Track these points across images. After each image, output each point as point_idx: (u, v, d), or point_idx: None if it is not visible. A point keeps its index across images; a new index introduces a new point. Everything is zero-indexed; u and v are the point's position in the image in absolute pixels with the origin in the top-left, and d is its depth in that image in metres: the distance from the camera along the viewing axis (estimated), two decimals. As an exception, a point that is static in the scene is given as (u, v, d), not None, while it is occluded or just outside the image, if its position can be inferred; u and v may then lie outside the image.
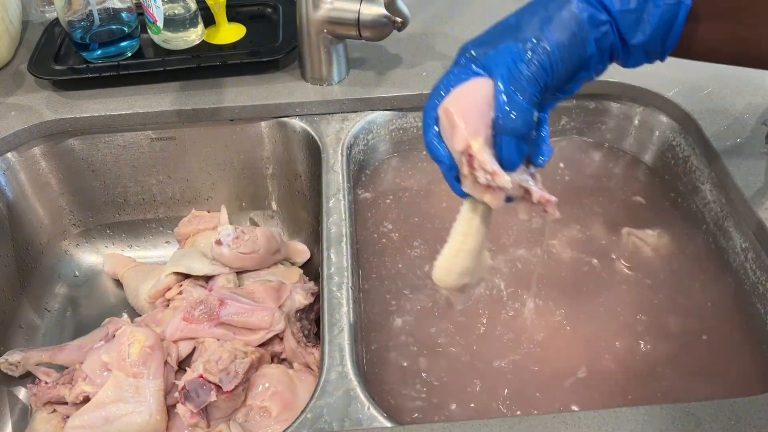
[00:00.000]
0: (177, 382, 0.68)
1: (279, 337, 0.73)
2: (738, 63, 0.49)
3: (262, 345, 0.72)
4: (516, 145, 0.44)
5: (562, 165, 0.85)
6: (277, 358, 0.74)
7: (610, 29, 0.45)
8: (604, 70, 0.48)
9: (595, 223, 0.78)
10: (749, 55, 0.47)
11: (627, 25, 0.45)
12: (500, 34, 0.47)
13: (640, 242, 0.76)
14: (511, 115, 0.43)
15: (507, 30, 0.47)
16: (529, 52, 0.44)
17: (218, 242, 0.77)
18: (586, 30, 0.44)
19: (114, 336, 0.69)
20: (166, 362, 0.68)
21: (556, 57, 0.44)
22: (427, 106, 0.47)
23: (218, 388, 0.64)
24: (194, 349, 0.72)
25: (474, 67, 0.46)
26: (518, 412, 0.61)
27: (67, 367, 0.74)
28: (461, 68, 0.47)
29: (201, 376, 0.64)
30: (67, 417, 0.68)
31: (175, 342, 0.71)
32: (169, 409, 0.68)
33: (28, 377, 0.78)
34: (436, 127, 0.46)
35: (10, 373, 0.76)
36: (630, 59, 0.47)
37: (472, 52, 0.47)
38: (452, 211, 0.82)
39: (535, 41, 0.44)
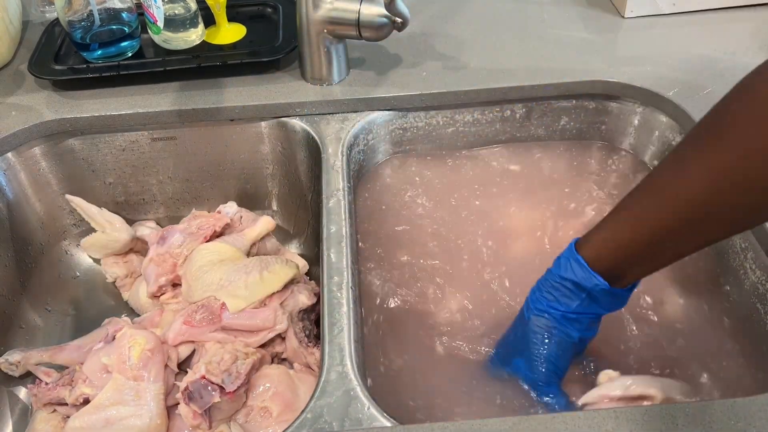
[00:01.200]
0: (177, 383, 0.68)
1: (281, 336, 0.73)
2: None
3: (262, 345, 0.72)
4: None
5: (562, 165, 0.86)
6: (277, 359, 0.74)
7: (577, 319, 0.58)
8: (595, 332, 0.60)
9: (594, 223, 0.78)
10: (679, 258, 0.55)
11: (589, 308, 0.57)
12: (508, 348, 0.63)
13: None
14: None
15: (510, 346, 0.63)
16: (534, 358, 0.59)
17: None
18: (564, 327, 0.58)
19: (114, 338, 0.69)
20: (166, 365, 0.68)
21: (553, 355, 0.58)
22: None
23: (220, 388, 0.64)
24: (194, 350, 0.72)
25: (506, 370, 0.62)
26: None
27: (67, 367, 0.74)
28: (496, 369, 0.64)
29: (203, 377, 0.64)
30: (68, 417, 0.68)
31: (175, 345, 0.71)
32: (169, 411, 0.68)
33: (28, 377, 0.78)
34: None
35: (10, 372, 0.76)
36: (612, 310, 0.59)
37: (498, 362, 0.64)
38: (451, 210, 0.82)
39: (536, 350, 0.59)
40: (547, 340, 0.58)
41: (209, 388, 0.64)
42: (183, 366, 0.71)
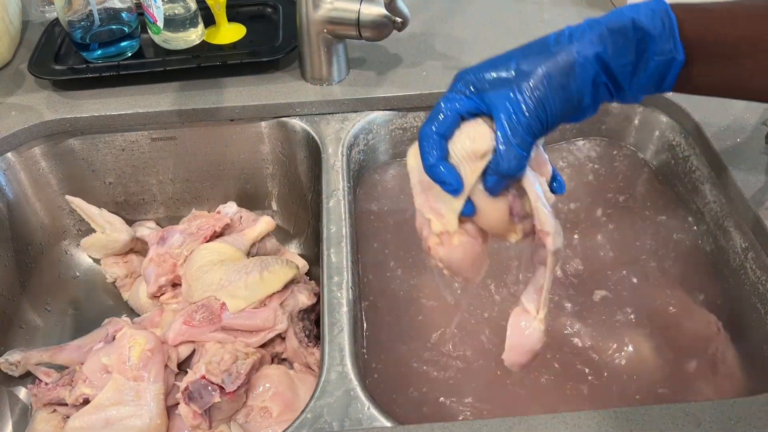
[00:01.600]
0: (177, 383, 0.68)
1: (281, 336, 0.73)
2: (728, 97, 0.50)
3: (262, 345, 0.72)
4: (504, 182, 0.47)
5: (562, 165, 0.86)
6: (277, 359, 0.74)
7: (606, 83, 0.46)
8: (594, 113, 0.49)
9: (595, 223, 0.78)
10: (741, 90, 0.49)
11: (623, 77, 0.46)
12: (500, 71, 0.47)
13: (639, 243, 0.76)
14: (508, 161, 0.45)
15: (507, 69, 0.47)
16: (530, 103, 0.45)
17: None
18: (586, 88, 0.46)
19: (114, 338, 0.69)
20: (166, 365, 0.68)
21: (553, 110, 0.45)
22: (425, 131, 0.47)
23: (220, 389, 0.64)
24: (194, 350, 0.72)
25: (473, 98, 0.47)
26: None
27: (67, 367, 0.74)
28: (458, 95, 0.47)
29: (203, 377, 0.64)
30: (68, 417, 0.68)
31: (175, 345, 0.71)
32: (169, 411, 0.67)
33: (28, 377, 0.78)
34: (435, 152, 0.47)
35: (10, 372, 0.76)
36: (626, 100, 0.49)
37: (471, 81, 0.47)
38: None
39: (537, 93, 0.45)
40: (560, 85, 0.45)
41: (209, 388, 0.64)
42: (183, 366, 0.71)
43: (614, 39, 0.45)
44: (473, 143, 0.46)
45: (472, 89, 0.47)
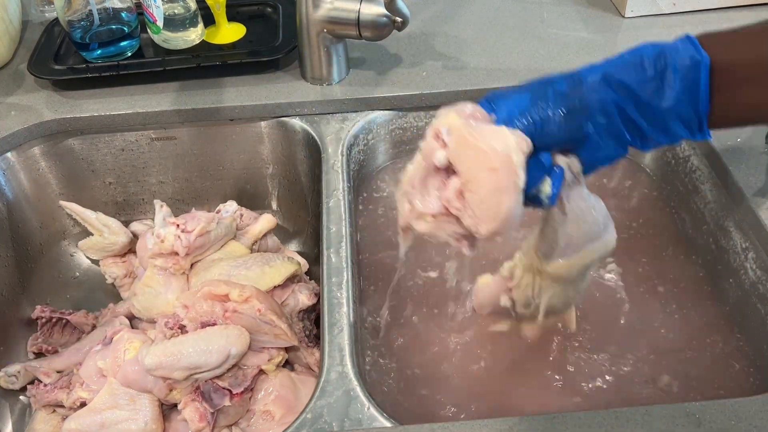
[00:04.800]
0: (175, 387, 0.67)
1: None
2: (760, 123, 0.48)
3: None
4: None
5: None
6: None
7: (623, 108, 0.46)
8: (620, 153, 0.50)
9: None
10: None
11: (648, 94, 0.45)
12: (516, 89, 0.49)
13: (637, 243, 0.76)
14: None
15: (521, 88, 0.49)
16: (530, 108, 0.46)
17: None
18: (591, 109, 0.46)
19: (111, 340, 0.69)
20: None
21: (551, 120, 0.46)
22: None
23: (229, 392, 0.64)
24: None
25: (488, 104, 0.49)
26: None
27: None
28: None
29: (212, 381, 0.64)
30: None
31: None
32: (166, 414, 0.67)
33: (28, 377, 0.78)
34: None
35: (10, 387, 0.76)
36: (665, 132, 0.47)
37: (491, 96, 0.50)
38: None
39: (540, 103, 0.46)
40: (599, 122, 0.46)
41: (219, 392, 0.64)
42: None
43: (625, 61, 0.45)
44: None
45: (489, 99, 0.49)
